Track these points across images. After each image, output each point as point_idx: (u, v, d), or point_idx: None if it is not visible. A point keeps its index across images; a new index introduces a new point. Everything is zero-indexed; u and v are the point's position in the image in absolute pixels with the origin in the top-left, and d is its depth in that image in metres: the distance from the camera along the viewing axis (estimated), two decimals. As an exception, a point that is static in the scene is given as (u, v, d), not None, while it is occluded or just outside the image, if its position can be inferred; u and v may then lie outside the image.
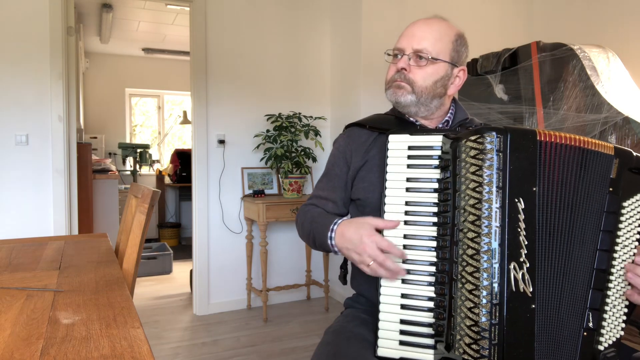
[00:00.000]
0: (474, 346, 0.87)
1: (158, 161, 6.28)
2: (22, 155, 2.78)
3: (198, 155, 3.18)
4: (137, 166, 5.58)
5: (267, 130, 3.26)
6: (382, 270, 0.95)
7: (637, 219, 0.93)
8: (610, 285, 0.91)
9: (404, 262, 0.96)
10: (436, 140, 0.97)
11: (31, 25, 2.76)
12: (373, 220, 0.98)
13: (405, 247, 0.96)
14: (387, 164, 1.00)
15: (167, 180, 6.02)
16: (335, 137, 1.32)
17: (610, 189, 0.92)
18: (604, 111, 2.15)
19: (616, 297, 0.91)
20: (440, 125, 1.21)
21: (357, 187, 1.19)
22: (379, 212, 1.00)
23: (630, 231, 0.92)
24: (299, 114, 3.28)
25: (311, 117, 3.36)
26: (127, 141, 6.29)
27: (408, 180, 0.98)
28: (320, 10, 3.55)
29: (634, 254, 0.92)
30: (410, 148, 0.99)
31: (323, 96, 3.58)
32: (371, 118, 1.25)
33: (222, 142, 3.24)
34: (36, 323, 0.81)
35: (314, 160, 3.29)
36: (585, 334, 0.89)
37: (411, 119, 1.20)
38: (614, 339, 0.90)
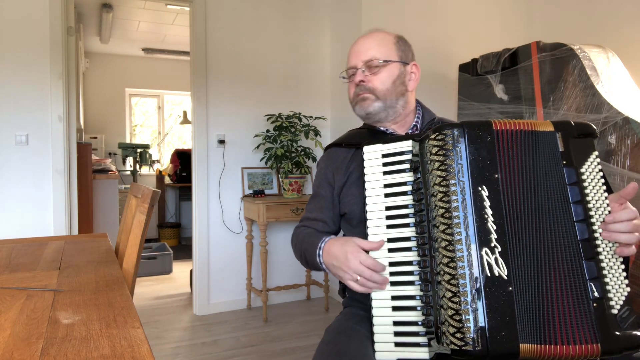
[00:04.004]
0: (457, 335, 0.88)
1: (158, 161, 6.28)
2: (22, 155, 2.78)
3: (198, 155, 3.18)
4: (137, 166, 5.58)
5: (267, 130, 3.26)
6: (370, 283, 0.99)
7: (599, 179, 0.94)
8: (600, 250, 0.91)
9: (390, 264, 1.00)
10: (406, 145, 1.04)
11: (31, 25, 2.76)
12: (358, 240, 1.03)
13: (389, 250, 1.01)
14: (364, 174, 1.06)
15: (167, 180, 6.02)
16: (333, 141, 1.36)
17: (564, 162, 0.94)
18: (604, 111, 2.15)
19: (609, 259, 0.91)
20: (410, 130, 1.27)
21: (343, 202, 1.24)
22: (364, 222, 1.05)
23: (597, 192, 0.93)
24: (299, 114, 3.28)
25: (311, 117, 3.36)
26: (127, 141, 6.29)
27: (385, 186, 1.04)
28: (321, 10, 3.55)
29: (609, 212, 0.92)
30: (384, 156, 1.05)
31: (323, 96, 3.58)
32: (347, 135, 1.32)
33: (222, 142, 3.24)
34: (36, 323, 0.81)
35: (314, 160, 3.29)
36: (595, 304, 0.88)
37: (382, 128, 1.25)
38: (624, 298, 0.90)
